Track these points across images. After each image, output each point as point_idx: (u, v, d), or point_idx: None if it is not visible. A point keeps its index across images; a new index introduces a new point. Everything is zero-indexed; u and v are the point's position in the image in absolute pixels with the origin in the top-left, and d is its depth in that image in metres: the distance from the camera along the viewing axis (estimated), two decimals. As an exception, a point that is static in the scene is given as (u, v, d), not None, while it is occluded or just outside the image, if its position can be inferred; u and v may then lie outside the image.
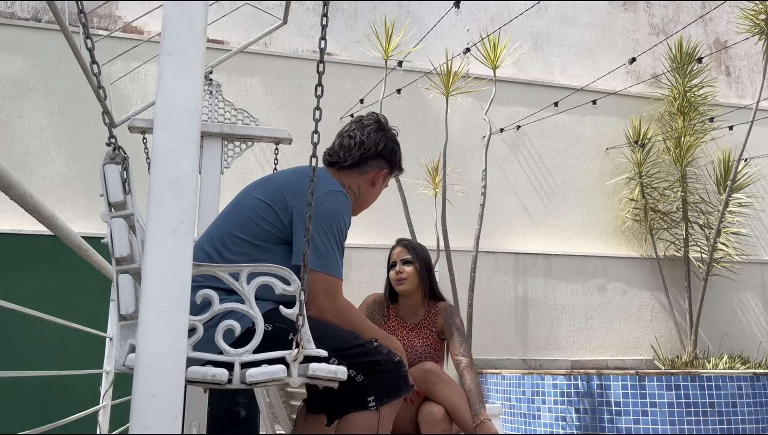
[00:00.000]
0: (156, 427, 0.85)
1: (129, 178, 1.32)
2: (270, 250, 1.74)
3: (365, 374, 1.64)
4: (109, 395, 2.81)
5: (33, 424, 4.50)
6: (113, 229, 1.31)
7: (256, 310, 1.37)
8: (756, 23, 6.08)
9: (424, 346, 2.70)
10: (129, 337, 1.31)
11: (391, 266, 2.77)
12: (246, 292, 1.38)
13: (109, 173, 1.30)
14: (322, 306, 1.73)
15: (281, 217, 1.76)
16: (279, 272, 1.40)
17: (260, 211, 1.77)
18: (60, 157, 5.50)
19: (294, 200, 1.76)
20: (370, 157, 2.00)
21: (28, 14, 5.70)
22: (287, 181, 1.83)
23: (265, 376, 1.29)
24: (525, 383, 5.06)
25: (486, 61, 5.82)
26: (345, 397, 1.64)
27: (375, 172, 2.03)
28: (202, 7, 0.98)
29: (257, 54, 6.06)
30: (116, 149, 1.30)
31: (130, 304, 1.29)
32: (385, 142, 2.02)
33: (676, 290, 6.62)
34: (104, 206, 1.33)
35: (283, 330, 1.55)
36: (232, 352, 1.34)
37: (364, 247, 5.91)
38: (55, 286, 5.06)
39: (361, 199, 2.06)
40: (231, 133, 2.88)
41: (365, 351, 1.67)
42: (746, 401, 4.49)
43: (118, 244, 1.30)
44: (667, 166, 6.83)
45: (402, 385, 1.71)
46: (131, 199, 1.33)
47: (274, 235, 1.76)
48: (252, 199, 1.82)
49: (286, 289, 1.38)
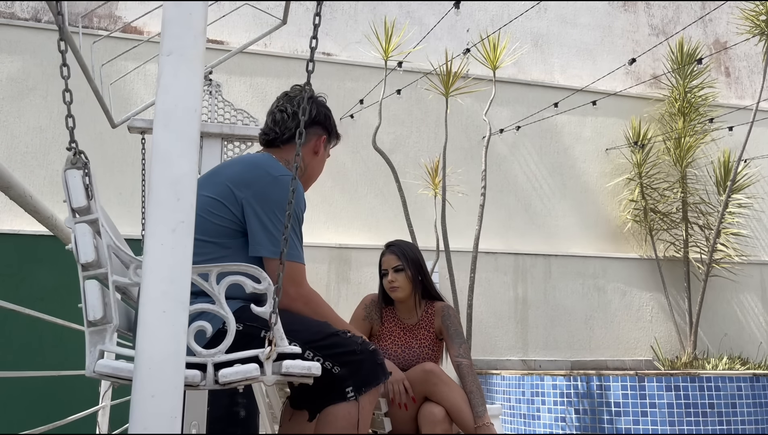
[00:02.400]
0: (155, 427, 0.85)
1: (92, 183, 1.31)
2: (228, 246, 1.74)
3: (341, 365, 1.64)
4: (108, 396, 2.81)
5: (33, 424, 4.50)
6: (77, 234, 1.30)
7: (227, 310, 1.37)
8: (756, 24, 6.08)
9: (422, 347, 2.70)
10: (98, 342, 1.30)
11: (383, 274, 2.74)
12: (216, 292, 1.37)
13: (70, 178, 1.29)
14: (289, 293, 1.72)
15: (233, 211, 1.75)
16: (248, 271, 1.39)
17: (211, 209, 1.76)
18: (60, 157, 5.50)
19: (242, 191, 1.75)
20: (306, 125, 2.01)
21: (27, 14, 5.70)
22: (232, 174, 1.81)
23: (238, 375, 1.29)
24: (525, 384, 5.06)
25: (486, 61, 5.82)
26: (324, 390, 1.65)
27: (315, 139, 2.03)
28: (202, 8, 0.98)
29: (257, 54, 6.06)
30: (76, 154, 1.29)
31: (98, 310, 1.28)
32: (317, 108, 2.02)
33: (675, 291, 6.62)
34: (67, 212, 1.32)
35: (255, 328, 1.55)
36: (205, 353, 1.33)
37: (364, 247, 5.91)
38: (54, 286, 5.06)
39: (309, 171, 2.05)
40: (230, 134, 2.88)
41: (339, 341, 1.66)
42: (746, 402, 4.49)
43: (83, 250, 1.29)
44: (667, 166, 6.83)
45: (379, 373, 1.71)
46: (95, 203, 1.32)
47: (229, 229, 1.75)
48: (201, 198, 1.80)
49: (256, 288, 1.38)
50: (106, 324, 1.30)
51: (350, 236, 6.05)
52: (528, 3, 5.90)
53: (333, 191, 6.08)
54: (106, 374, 1.29)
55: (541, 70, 6.94)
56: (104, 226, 1.34)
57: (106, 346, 1.30)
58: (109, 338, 1.31)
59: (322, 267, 5.79)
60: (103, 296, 1.31)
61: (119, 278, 1.33)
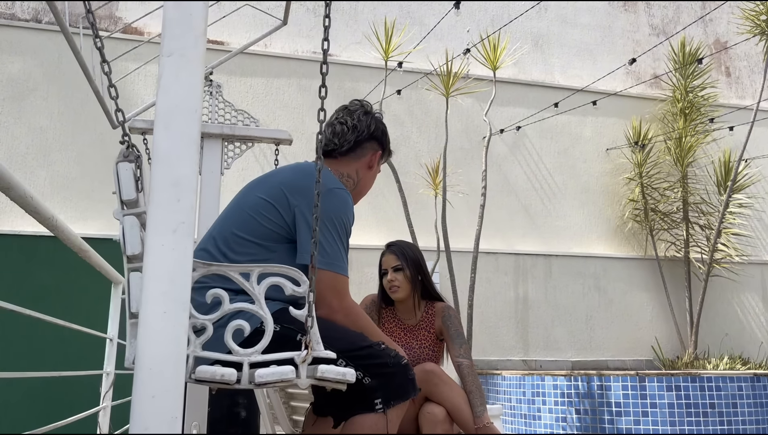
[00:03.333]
0: (156, 428, 0.85)
1: (142, 176, 1.32)
2: (274, 250, 1.74)
3: (373, 376, 1.64)
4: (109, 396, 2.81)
5: (33, 424, 4.50)
6: (125, 226, 1.31)
7: (265, 311, 1.37)
8: (756, 24, 6.08)
9: (422, 348, 2.70)
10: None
11: (383, 274, 2.74)
12: (256, 292, 1.38)
13: (122, 171, 1.31)
14: (332, 305, 1.72)
15: (284, 216, 1.75)
16: (289, 273, 1.40)
17: (262, 210, 1.77)
18: (60, 158, 5.50)
19: (296, 198, 1.76)
20: (364, 139, 2.02)
21: (28, 15, 5.71)
22: (288, 179, 1.82)
23: (274, 376, 1.29)
24: (525, 384, 5.06)
25: (486, 61, 5.83)
26: (352, 399, 1.63)
27: (370, 154, 2.05)
28: (203, 8, 0.98)
29: (257, 55, 6.06)
30: (129, 147, 1.30)
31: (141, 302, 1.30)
32: (375, 124, 2.05)
33: (676, 291, 6.62)
34: (116, 203, 1.33)
35: (292, 331, 1.55)
36: (241, 352, 1.34)
37: (365, 247, 5.91)
38: (55, 287, 5.06)
39: (360, 185, 2.07)
40: (231, 134, 2.88)
41: (373, 353, 1.66)
42: (747, 402, 4.49)
43: (130, 242, 1.30)
44: (668, 166, 6.83)
45: (409, 388, 1.71)
46: (143, 197, 1.33)
47: (277, 234, 1.75)
48: (254, 198, 1.81)
49: (295, 290, 1.38)
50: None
51: (351, 236, 6.05)
52: (528, 3, 5.90)
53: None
54: None
55: (542, 70, 6.94)
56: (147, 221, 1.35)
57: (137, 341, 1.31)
58: None
59: (323, 267, 5.78)
60: None
61: None
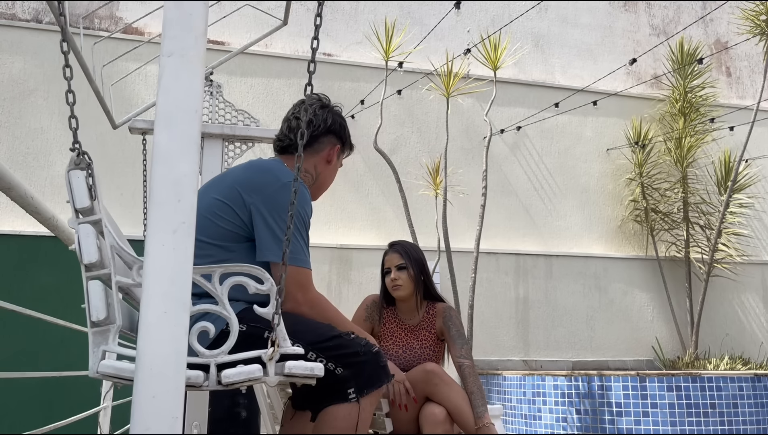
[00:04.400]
0: (156, 428, 0.85)
1: (95, 184, 1.31)
2: (233, 250, 1.74)
3: (344, 366, 1.65)
4: (109, 396, 2.81)
5: (34, 425, 4.50)
6: (80, 235, 1.30)
7: (229, 311, 1.37)
8: (756, 24, 6.08)
9: (423, 348, 2.70)
10: (101, 343, 1.30)
11: (386, 273, 2.75)
12: (219, 292, 1.37)
13: (74, 179, 1.30)
14: (297, 298, 1.73)
15: (240, 215, 1.75)
16: (251, 271, 1.39)
17: (218, 211, 1.76)
18: (61, 158, 5.50)
19: (250, 196, 1.75)
20: (320, 134, 2.00)
21: (29, 15, 5.71)
22: (242, 177, 1.81)
23: (241, 376, 1.29)
24: (526, 384, 5.06)
25: (486, 62, 5.83)
26: (326, 390, 1.66)
27: (328, 149, 2.03)
28: (203, 8, 0.98)
29: (258, 55, 6.06)
30: (80, 154, 1.29)
31: (101, 310, 1.29)
32: (332, 118, 2.03)
33: (676, 291, 6.62)
34: (71, 213, 1.32)
35: (258, 329, 1.55)
36: (207, 353, 1.33)
37: (365, 247, 5.91)
38: (55, 287, 5.06)
39: (320, 180, 2.05)
40: (231, 134, 2.89)
41: (343, 343, 1.66)
42: (747, 402, 4.49)
43: (87, 251, 1.29)
44: (668, 166, 6.83)
45: (382, 375, 1.71)
46: (98, 204, 1.32)
47: (235, 234, 1.75)
48: (208, 199, 1.81)
49: (259, 288, 1.38)
50: (110, 324, 1.31)
51: (351, 236, 6.05)
52: (529, 3, 5.90)
53: (334, 192, 6.08)
54: (109, 375, 1.29)
55: (542, 70, 6.94)
56: (107, 227, 1.34)
57: (109, 347, 1.30)
58: (113, 339, 1.31)
59: (324, 267, 5.79)
60: (107, 297, 1.31)
61: (122, 279, 1.33)
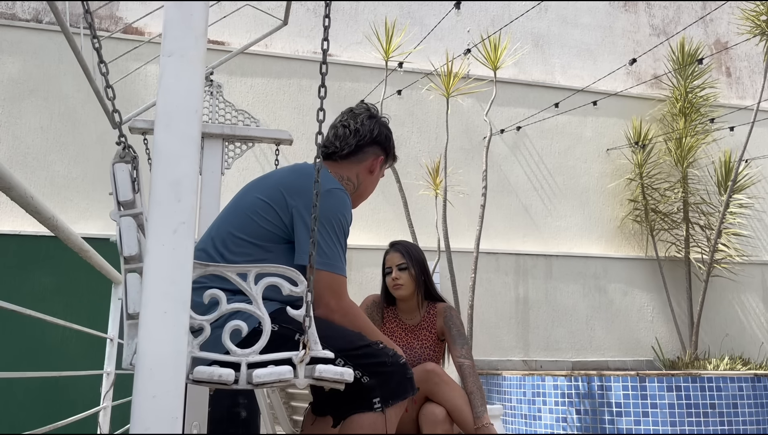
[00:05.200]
0: (156, 428, 0.85)
1: (138, 177, 1.32)
2: (271, 250, 1.74)
3: (371, 375, 1.64)
4: (109, 396, 2.81)
5: (34, 424, 4.51)
6: (122, 227, 1.31)
7: (263, 311, 1.37)
8: (757, 24, 6.08)
9: (423, 348, 2.70)
10: (136, 336, 1.31)
11: (387, 272, 2.75)
12: (253, 292, 1.37)
13: (118, 172, 1.31)
14: (330, 305, 1.73)
15: (281, 217, 1.75)
16: (286, 273, 1.40)
17: (260, 211, 1.77)
18: (61, 158, 5.51)
19: (293, 199, 1.76)
20: (366, 144, 2.00)
21: (29, 15, 5.71)
22: (286, 180, 1.82)
23: (272, 376, 1.29)
24: (525, 384, 5.06)
25: (486, 62, 5.83)
26: (350, 398, 1.64)
27: (372, 159, 2.03)
28: (203, 8, 0.98)
29: (258, 55, 6.06)
30: (126, 148, 1.30)
31: (138, 303, 1.29)
32: (379, 129, 2.03)
33: (676, 291, 6.62)
34: (113, 205, 1.33)
35: (290, 331, 1.55)
36: (239, 352, 1.33)
37: (365, 248, 5.91)
38: (55, 287, 5.06)
39: (361, 189, 2.06)
40: (232, 134, 2.88)
41: (371, 352, 1.66)
42: (747, 402, 4.49)
43: (127, 243, 1.30)
44: (668, 167, 6.83)
45: (408, 387, 1.71)
46: (140, 198, 1.33)
47: (275, 235, 1.75)
48: (252, 199, 1.81)
49: (293, 290, 1.38)
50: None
51: (351, 237, 6.03)
52: (529, 3, 5.90)
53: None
54: None
55: (542, 70, 6.94)
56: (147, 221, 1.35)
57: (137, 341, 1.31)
58: None
59: (323, 267, 5.78)
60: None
61: None
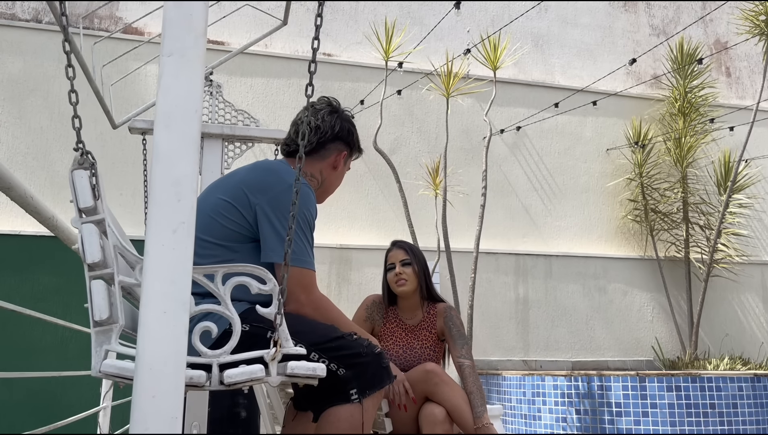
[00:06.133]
0: (156, 428, 0.85)
1: (98, 183, 1.31)
2: (237, 250, 1.74)
3: (347, 367, 1.64)
4: (109, 396, 2.81)
5: (33, 425, 4.51)
6: (84, 234, 1.30)
7: (232, 311, 1.37)
8: (756, 24, 6.08)
9: (424, 348, 2.70)
10: (104, 342, 1.30)
11: (389, 268, 2.76)
12: (222, 293, 1.37)
13: (77, 179, 1.30)
14: (300, 300, 1.73)
15: (245, 215, 1.75)
16: (254, 272, 1.39)
17: (223, 211, 1.76)
18: (61, 158, 5.50)
19: (256, 197, 1.75)
20: (327, 140, 2.00)
21: (29, 15, 5.71)
22: (247, 178, 1.81)
23: (243, 376, 1.29)
24: (525, 384, 5.06)
25: (486, 62, 5.83)
26: (328, 391, 1.65)
27: (335, 155, 2.03)
28: (203, 8, 0.98)
29: (258, 55, 6.06)
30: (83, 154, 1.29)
31: (104, 310, 1.29)
32: (340, 124, 2.02)
33: (676, 291, 6.62)
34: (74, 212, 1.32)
35: (261, 329, 1.55)
36: (210, 353, 1.33)
37: (365, 248, 5.91)
38: (55, 287, 5.06)
39: (325, 185, 2.06)
40: (231, 134, 2.89)
41: (345, 344, 1.66)
42: (747, 402, 4.49)
43: (90, 250, 1.29)
44: (668, 167, 6.83)
45: (384, 376, 1.71)
46: (102, 203, 1.32)
47: (239, 235, 1.75)
48: (214, 200, 1.81)
49: (262, 289, 1.38)
50: (112, 324, 1.31)
51: (351, 237, 6.05)
52: (528, 3, 5.90)
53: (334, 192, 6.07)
54: (111, 374, 1.29)
55: (542, 70, 6.94)
56: (110, 227, 1.34)
57: (111, 346, 1.30)
58: (115, 338, 1.31)
59: (323, 267, 5.79)
60: (109, 296, 1.31)
61: (125, 278, 1.33)
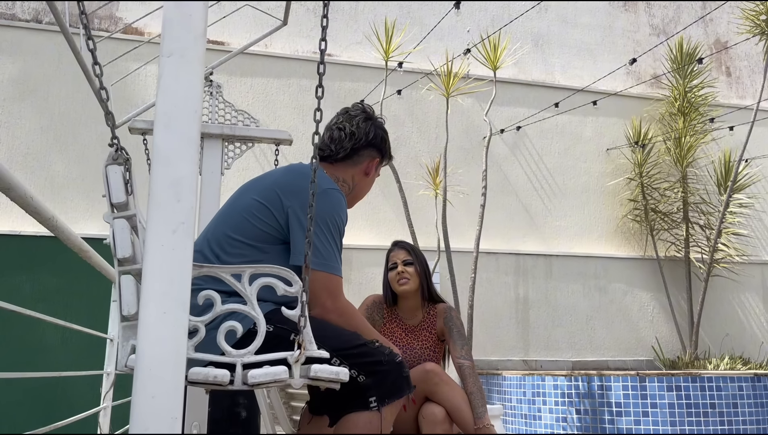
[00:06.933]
0: (156, 428, 0.85)
1: (131, 179, 1.32)
2: (267, 251, 1.73)
3: (367, 374, 1.64)
4: (109, 396, 2.81)
5: (34, 425, 4.50)
6: (115, 229, 1.31)
7: (258, 311, 1.37)
8: (756, 24, 6.08)
9: (424, 348, 2.70)
10: (131, 337, 1.31)
11: (391, 268, 2.76)
12: (248, 293, 1.37)
13: (111, 174, 1.30)
14: (325, 305, 1.72)
15: (277, 217, 1.75)
16: (281, 273, 1.40)
17: (255, 212, 1.76)
18: (61, 158, 5.50)
19: (289, 199, 1.75)
20: (361, 147, 2.00)
21: (28, 15, 5.71)
22: (281, 180, 1.81)
23: (267, 377, 1.29)
24: (526, 384, 5.06)
25: (486, 61, 5.83)
26: (347, 397, 1.64)
27: (367, 161, 2.03)
28: (202, 9, 0.98)
29: (257, 55, 6.06)
30: (119, 150, 1.30)
31: (132, 305, 1.29)
32: (374, 131, 2.02)
33: (676, 291, 6.62)
34: (106, 207, 1.33)
35: (285, 331, 1.55)
36: (234, 353, 1.33)
37: (365, 247, 5.91)
38: (55, 287, 5.06)
39: (356, 191, 2.05)
40: (231, 134, 2.88)
41: (367, 351, 1.66)
42: (747, 402, 4.49)
43: (120, 245, 1.30)
44: (668, 166, 6.83)
45: (404, 386, 1.70)
46: (133, 199, 1.33)
47: (270, 236, 1.75)
48: (247, 200, 1.81)
49: (287, 290, 1.38)
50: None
51: (351, 237, 6.05)
52: (528, 3, 5.90)
53: (334, 192, 6.07)
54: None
55: (542, 70, 6.94)
56: (141, 223, 1.35)
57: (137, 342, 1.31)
58: None
59: (323, 267, 5.78)
60: (138, 292, 1.31)
61: None
